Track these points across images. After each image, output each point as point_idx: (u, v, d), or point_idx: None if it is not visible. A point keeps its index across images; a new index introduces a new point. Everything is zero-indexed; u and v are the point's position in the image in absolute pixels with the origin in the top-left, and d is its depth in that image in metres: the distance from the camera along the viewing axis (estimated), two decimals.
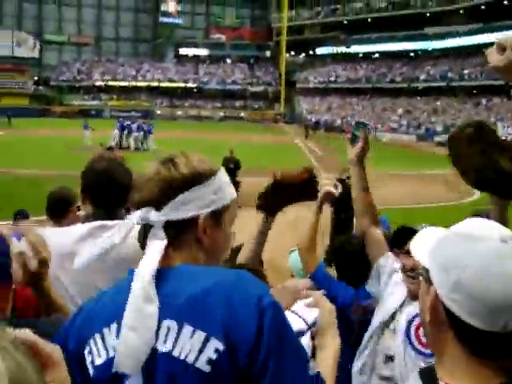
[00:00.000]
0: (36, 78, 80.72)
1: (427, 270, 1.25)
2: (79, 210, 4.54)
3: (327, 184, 4.39)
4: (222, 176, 1.66)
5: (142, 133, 35.64)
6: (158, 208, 1.57)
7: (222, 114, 76.47)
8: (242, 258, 2.78)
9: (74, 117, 66.50)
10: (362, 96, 72.68)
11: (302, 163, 3.57)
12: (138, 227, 2.44)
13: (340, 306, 3.97)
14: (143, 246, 1.60)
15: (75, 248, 2.39)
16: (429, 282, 1.23)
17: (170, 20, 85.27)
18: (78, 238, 2.50)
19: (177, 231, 1.58)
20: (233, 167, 19.16)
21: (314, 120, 64.90)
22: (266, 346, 1.39)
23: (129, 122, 37.51)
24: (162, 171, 1.60)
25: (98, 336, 1.52)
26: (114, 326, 1.51)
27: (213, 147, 22.36)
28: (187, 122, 69.84)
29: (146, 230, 1.60)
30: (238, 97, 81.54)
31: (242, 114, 77.17)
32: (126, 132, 35.88)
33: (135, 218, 1.59)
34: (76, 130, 42.13)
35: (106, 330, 1.52)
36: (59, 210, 4.36)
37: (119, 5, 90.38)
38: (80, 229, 2.58)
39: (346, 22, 79.03)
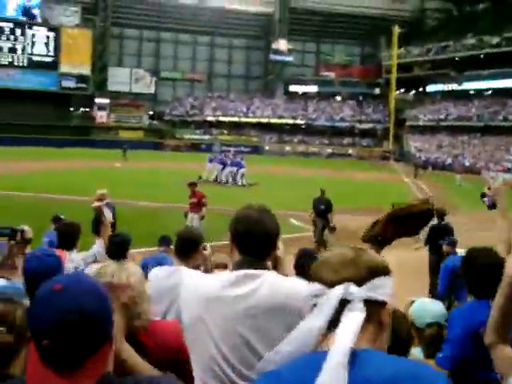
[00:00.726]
0: (151, 113, 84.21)
1: None
2: (205, 249, 4.86)
3: None
4: None
5: (235, 168, 36.58)
6: (359, 285, 1.65)
7: (329, 150, 76.39)
8: None
9: (187, 151, 68.64)
10: (474, 134, 70.34)
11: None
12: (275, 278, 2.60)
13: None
14: (335, 322, 1.63)
15: (222, 294, 2.58)
16: None
17: (281, 58, 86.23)
18: (225, 285, 2.60)
19: (369, 310, 1.64)
20: (324, 208, 17.37)
21: (423, 158, 63.68)
22: None
23: (224, 157, 38.83)
24: (363, 255, 1.72)
25: None
26: None
27: (318, 183, 22.40)
28: (295, 157, 70.52)
29: (341, 305, 1.64)
30: (346, 134, 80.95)
31: (350, 151, 76.71)
32: (221, 166, 36.88)
33: (338, 292, 1.64)
34: (188, 164, 43.48)
35: None
36: (186, 249, 4.57)
37: (231, 43, 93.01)
38: (228, 276, 2.65)
39: (457, 59, 77.41)
